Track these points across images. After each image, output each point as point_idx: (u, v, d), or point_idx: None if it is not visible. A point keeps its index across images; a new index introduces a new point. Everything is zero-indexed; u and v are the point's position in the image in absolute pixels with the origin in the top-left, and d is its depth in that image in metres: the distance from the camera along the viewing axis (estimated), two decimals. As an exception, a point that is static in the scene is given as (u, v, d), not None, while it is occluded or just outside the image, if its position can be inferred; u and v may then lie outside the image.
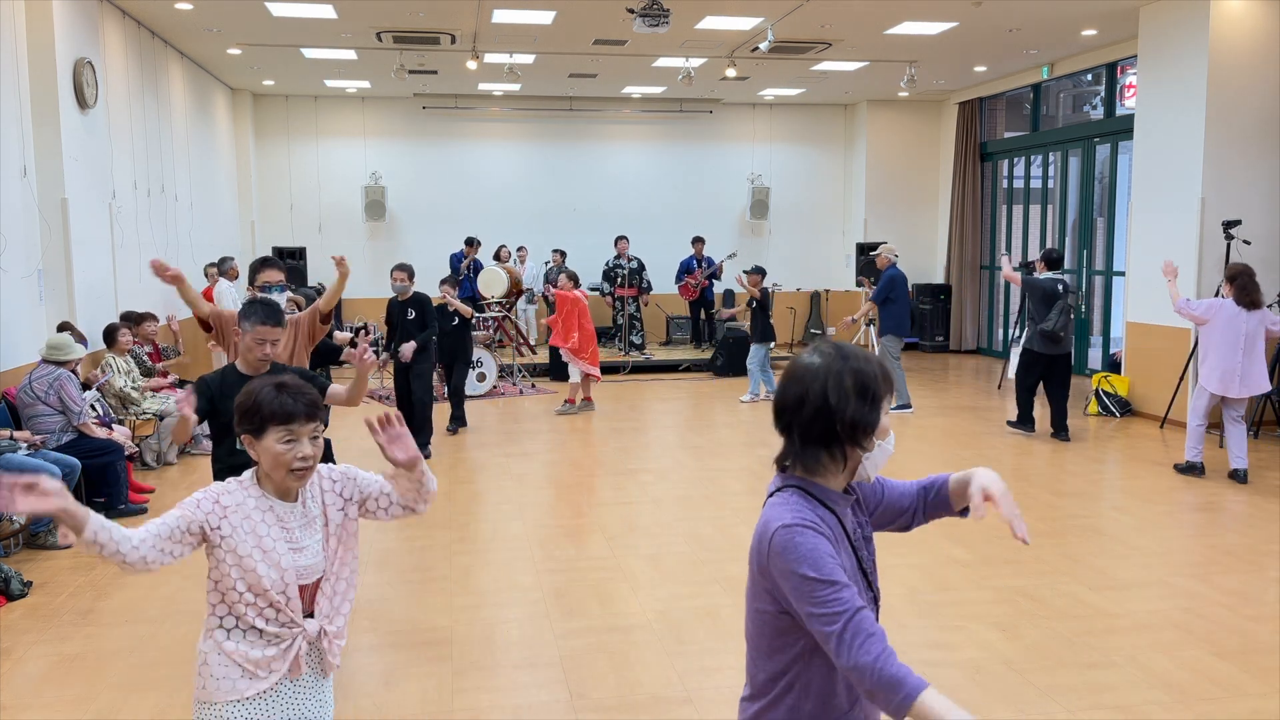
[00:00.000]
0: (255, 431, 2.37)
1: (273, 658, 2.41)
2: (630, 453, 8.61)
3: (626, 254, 13.88)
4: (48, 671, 4.32)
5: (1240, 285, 7.19)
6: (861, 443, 1.88)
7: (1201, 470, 7.64)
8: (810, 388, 1.86)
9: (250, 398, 2.39)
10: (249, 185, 14.93)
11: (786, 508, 1.86)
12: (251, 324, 3.68)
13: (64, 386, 6.56)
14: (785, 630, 1.87)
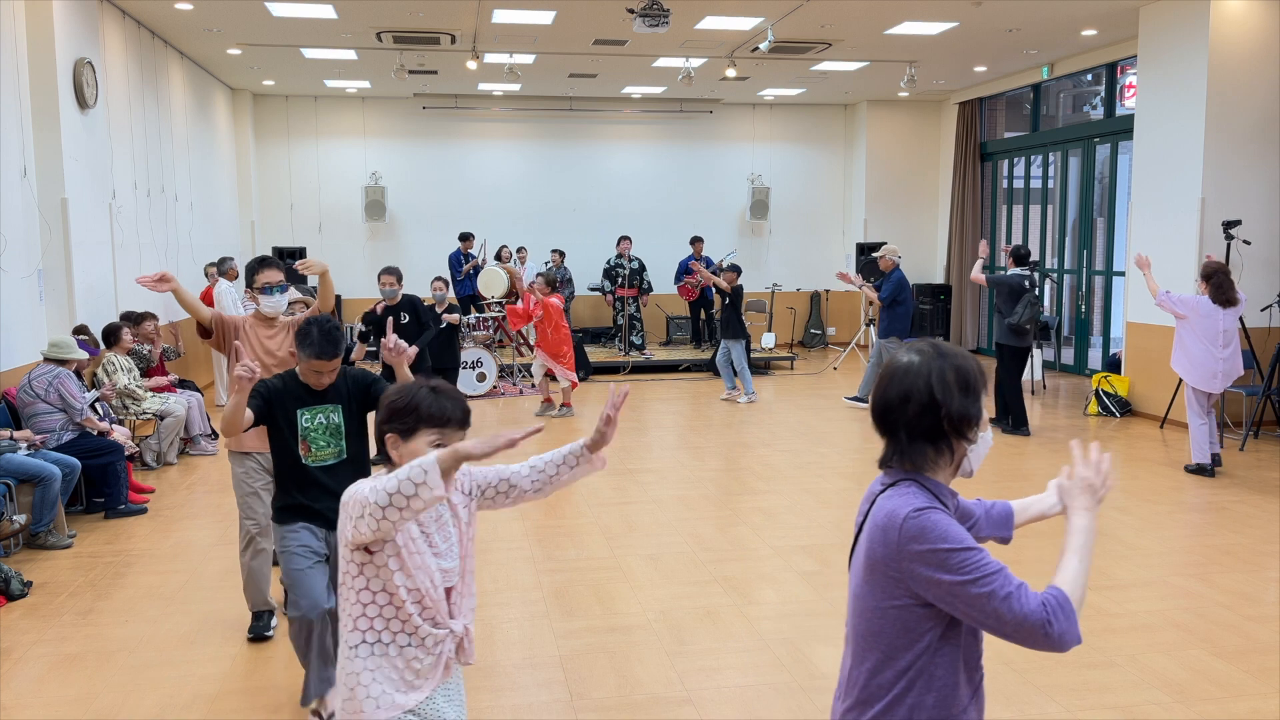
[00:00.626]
0: (406, 432, 2.32)
1: (429, 666, 2.38)
2: (630, 453, 8.61)
3: (628, 254, 13.88)
4: (48, 671, 4.32)
5: (1216, 284, 7.35)
6: (967, 435, 1.92)
7: (1211, 471, 7.64)
8: (914, 385, 1.90)
9: (407, 398, 2.33)
10: (249, 185, 14.93)
11: (909, 497, 1.87)
12: (306, 355, 3.49)
13: (63, 384, 6.57)
14: (914, 623, 1.86)
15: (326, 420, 3.62)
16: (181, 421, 8.23)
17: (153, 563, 5.78)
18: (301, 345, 3.48)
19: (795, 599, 5.11)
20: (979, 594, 1.75)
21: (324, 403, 3.62)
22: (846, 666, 1.99)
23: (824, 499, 7.07)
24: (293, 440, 3.60)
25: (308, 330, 3.49)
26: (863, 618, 1.93)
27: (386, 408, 2.35)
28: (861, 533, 1.97)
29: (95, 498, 6.80)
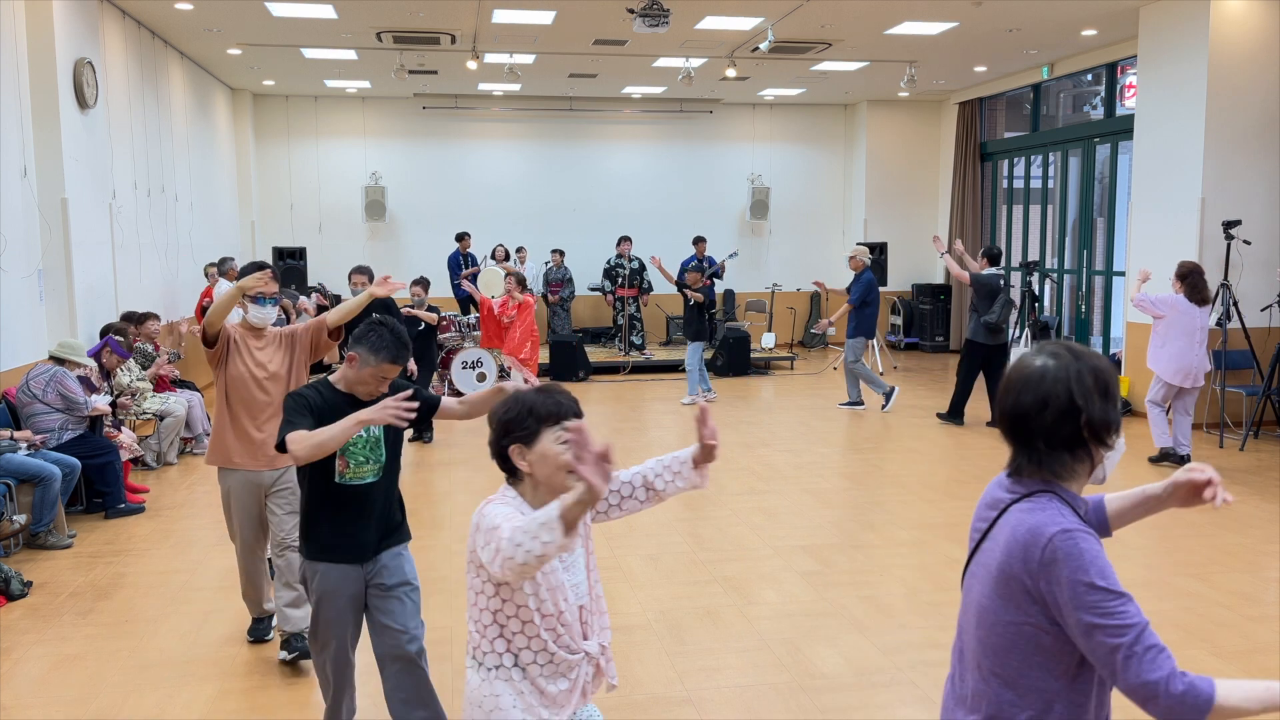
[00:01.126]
0: (528, 438, 2.24)
1: (564, 692, 2.28)
2: (630, 453, 8.61)
3: (628, 254, 13.88)
4: (48, 671, 4.32)
5: (1191, 283, 7.58)
6: (1106, 441, 1.84)
7: (1176, 456, 7.82)
8: (1052, 390, 1.83)
9: (518, 406, 2.26)
10: (249, 185, 14.93)
11: (1053, 513, 1.78)
12: (379, 360, 3.13)
13: (62, 382, 6.57)
14: (1046, 648, 1.76)
15: (367, 434, 3.24)
16: (181, 421, 8.23)
17: (153, 562, 5.78)
18: (372, 349, 3.12)
19: (795, 599, 5.11)
20: (1106, 643, 1.66)
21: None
22: (969, 680, 1.88)
23: (824, 499, 7.07)
24: (329, 456, 3.19)
25: (378, 333, 3.13)
26: (992, 631, 1.83)
27: (500, 423, 2.27)
28: (985, 541, 1.88)
29: (94, 497, 6.81)
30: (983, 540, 1.90)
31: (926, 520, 6.52)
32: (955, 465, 8.08)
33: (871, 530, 6.31)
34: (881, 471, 7.87)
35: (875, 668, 4.30)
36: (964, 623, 1.92)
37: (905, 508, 6.83)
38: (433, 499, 7.10)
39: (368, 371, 3.14)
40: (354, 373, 3.16)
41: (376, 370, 3.14)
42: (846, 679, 4.19)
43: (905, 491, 7.27)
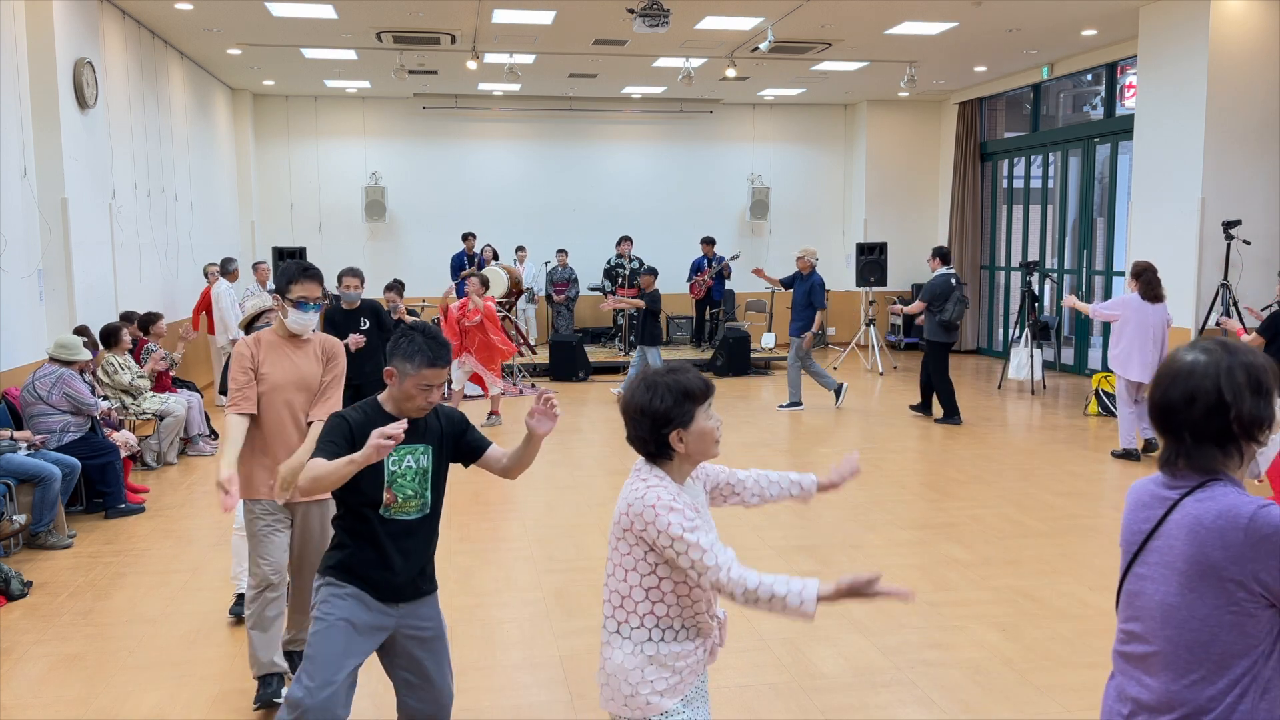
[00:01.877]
0: (686, 420, 2.35)
1: (700, 660, 2.44)
2: (630, 453, 8.60)
3: (628, 254, 13.87)
4: (48, 671, 4.32)
5: (1145, 281, 7.93)
6: (1257, 438, 1.83)
7: (1138, 455, 8.15)
8: (1201, 385, 1.81)
9: (670, 393, 2.34)
10: (249, 185, 14.94)
11: (1237, 495, 1.78)
12: (417, 365, 2.83)
13: (68, 384, 6.57)
14: (1252, 628, 1.75)
15: (416, 463, 2.93)
16: (181, 421, 8.23)
17: (153, 562, 5.78)
18: (406, 356, 2.84)
19: (795, 599, 5.10)
20: None
21: (415, 441, 2.93)
22: (1154, 684, 1.85)
23: (824, 499, 7.07)
24: (372, 485, 2.88)
25: (408, 339, 2.86)
26: (1185, 629, 1.80)
27: (657, 414, 2.34)
28: (1153, 540, 1.87)
29: (95, 497, 6.80)
30: (1148, 540, 1.87)
31: (926, 520, 6.52)
32: (955, 465, 8.08)
33: (871, 530, 6.31)
34: (881, 471, 7.87)
35: (875, 668, 4.30)
36: (1143, 628, 1.88)
37: (905, 508, 6.83)
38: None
39: (410, 383, 2.85)
40: (397, 389, 2.89)
41: (418, 379, 2.84)
42: (846, 679, 4.19)
43: (905, 491, 7.27)
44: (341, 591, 2.91)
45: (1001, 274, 15.15)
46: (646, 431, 2.36)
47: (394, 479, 2.90)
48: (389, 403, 2.94)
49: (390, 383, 2.89)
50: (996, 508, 6.81)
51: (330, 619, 2.88)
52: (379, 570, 2.91)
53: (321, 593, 2.94)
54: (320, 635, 2.88)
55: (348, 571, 2.92)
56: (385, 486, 2.89)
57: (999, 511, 6.72)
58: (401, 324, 3.00)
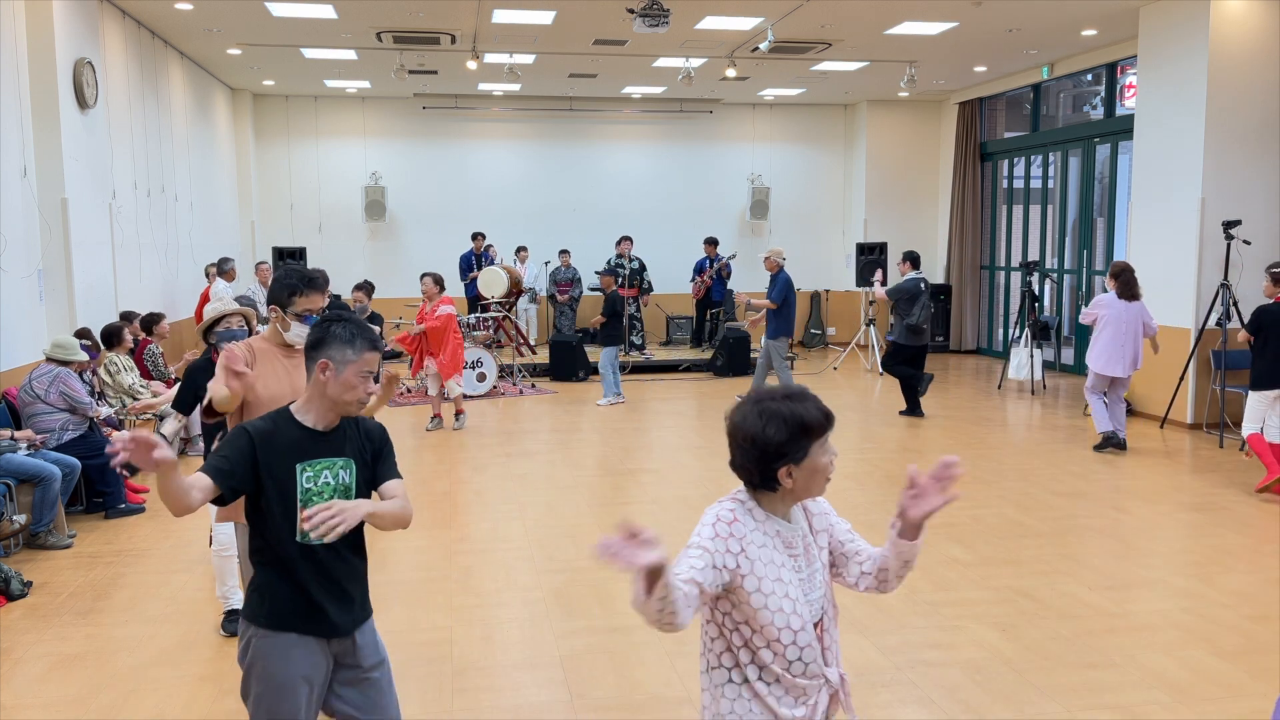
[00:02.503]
0: (799, 456, 2.08)
1: (802, 717, 2.16)
2: (630, 453, 8.61)
3: (628, 254, 13.88)
4: (48, 671, 4.32)
5: (1123, 281, 8.27)
6: None
7: (1120, 441, 8.39)
8: None
9: (787, 425, 2.07)
10: (249, 185, 14.94)
11: None
12: (357, 350, 2.59)
13: (65, 383, 6.57)
14: None
15: (335, 480, 2.62)
16: (181, 421, 8.23)
17: (153, 562, 5.78)
18: (346, 340, 2.59)
19: (795, 599, 5.11)
20: None
21: (333, 454, 2.63)
22: None
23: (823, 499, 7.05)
24: (284, 508, 2.57)
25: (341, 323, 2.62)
26: None
27: (771, 445, 2.08)
28: None
29: (95, 497, 6.80)
30: None
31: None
32: (955, 465, 8.06)
33: (871, 530, 6.30)
34: (881, 471, 7.87)
35: (875, 668, 4.30)
36: None
37: (905, 508, 6.82)
38: (434, 494, 7.10)
39: (351, 371, 2.58)
40: (335, 384, 2.58)
41: (360, 366, 2.59)
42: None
43: (905, 491, 7.25)
44: (276, 642, 2.59)
45: (1001, 274, 15.15)
46: (753, 461, 2.11)
47: (309, 498, 2.57)
48: (308, 408, 2.62)
49: (324, 377, 2.58)
50: (996, 508, 6.81)
51: (277, 679, 2.57)
52: (306, 609, 2.60)
53: (254, 647, 2.59)
54: (272, 701, 2.58)
55: (274, 616, 2.60)
56: (300, 507, 2.56)
57: (999, 511, 6.72)
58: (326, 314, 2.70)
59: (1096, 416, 8.46)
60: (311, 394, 2.63)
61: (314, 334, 2.62)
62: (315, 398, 2.62)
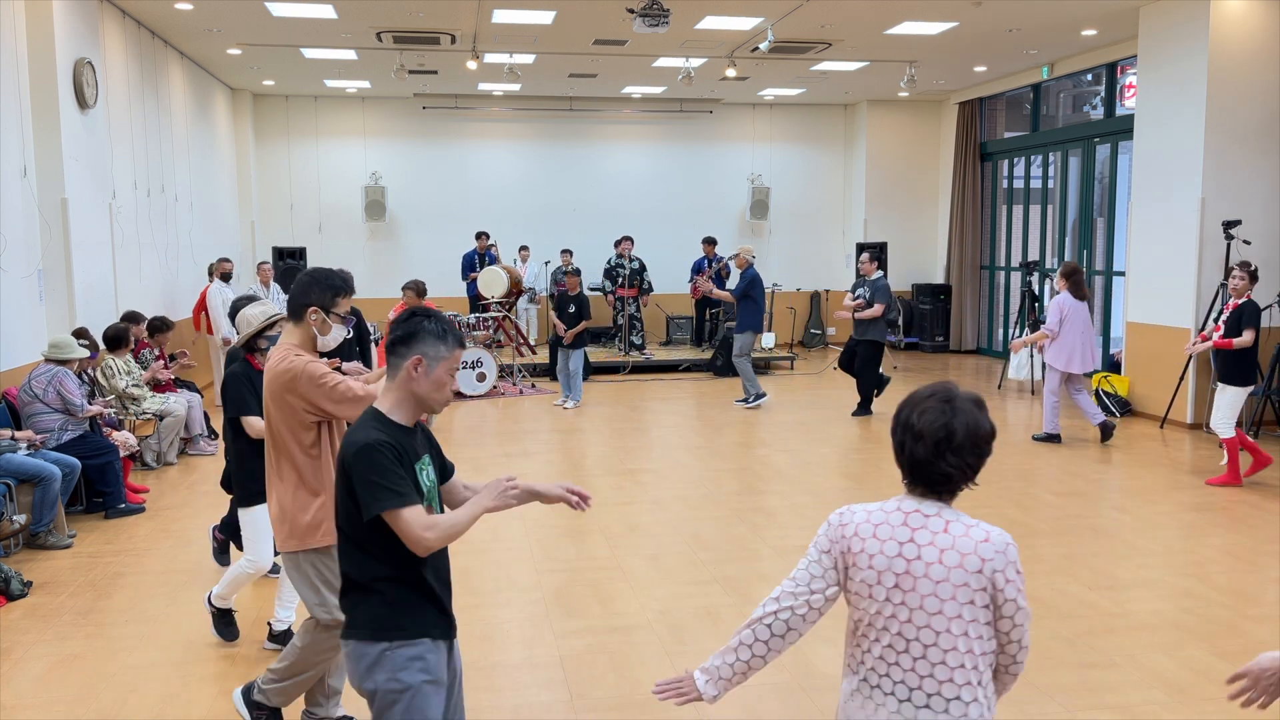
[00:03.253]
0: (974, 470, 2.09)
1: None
2: (630, 453, 8.61)
3: (628, 254, 13.88)
4: (48, 671, 4.32)
5: (1075, 281, 8.66)
6: None
7: (1060, 439, 8.86)
8: None
9: (983, 428, 2.06)
10: (249, 185, 14.94)
11: None
12: (450, 346, 2.52)
13: (61, 382, 6.58)
14: None
15: (429, 478, 2.58)
16: (181, 421, 8.23)
17: (153, 562, 5.78)
18: (439, 336, 2.51)
19: (795, 599, 5.10)
20: None
21: (423, 453, 2.58)
22: None
23: (824, 499, 7.07)
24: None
25: (431, 317, 2.54)
26: None
27: (990, 445, 2.08)
28: None
29: (94, 497, 6.80)
30: None
31: (926, 520, 6.51)
32: (955, 465, 8.07)
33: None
34: (881, 471, 7.87)
35: (875, 668, 4.29)
36: None
37: (905, 508, 6.82)
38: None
39: (442, 369, 2.51)
40: (426, 382, 2.50)
41: (450, 363, 2.53)
42: (846, 679, 4.19)
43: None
44: (415, 651, 2.46)
45: (1001, 274, 15.15)
46: (978, 462, 2.08)
47: (430, 496, 2.55)
48: (398, 407, 2.51)
49: (415, 374, 2.48)
50: (996, 508, 6.81)
51: (416, 685, 2.45)
52: (434, 606, 2.53)
53: (388, 659, 2.44)
54: (414, 709, 2.45)
55: (409, 621, 2.47)
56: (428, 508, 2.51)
57: (999, 511, 6.72)
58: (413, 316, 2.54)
59: (1049, 415, 8.82)
60: (401, 393, 2.51)
61: (403, 329, 2.51)
62: (405, 397, 2.52)
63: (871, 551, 2.09)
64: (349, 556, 2.48)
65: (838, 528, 2.16)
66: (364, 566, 2.45)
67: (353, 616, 2.49)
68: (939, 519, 2.07)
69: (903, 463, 2.11)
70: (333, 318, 3.41)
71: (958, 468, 2.04)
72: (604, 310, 15.16)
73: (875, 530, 2.11)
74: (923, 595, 2.03)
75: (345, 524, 2.46)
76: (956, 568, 2.01)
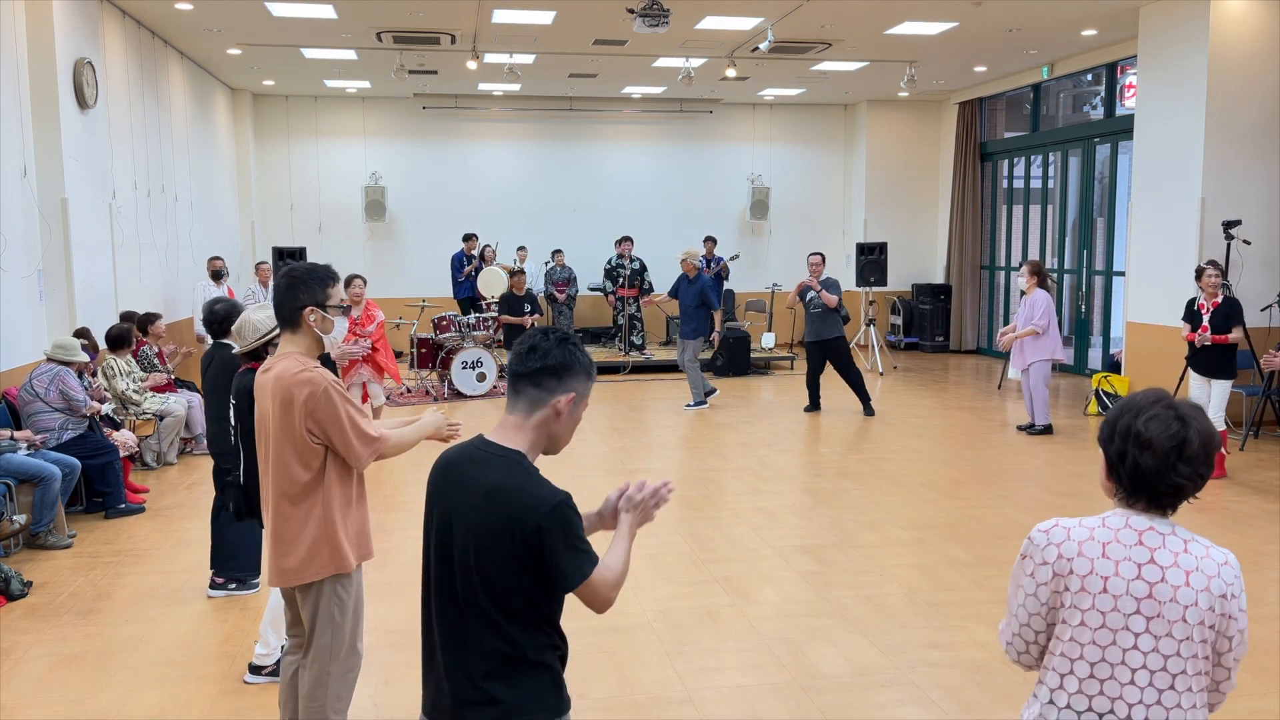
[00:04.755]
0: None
1: None
2: (630, 453, 8.61)
3: (629, 254, 13.88)
4: (48, 671, 4.32)
5: (1043, 276, 9.19)
6: None
7: (1052, 429, 9.24)
8: None
9: (1216, 438, 1.96)
10: (249, 185, 14.94)
11: None
12: (591, 379, 2.21)
13: (64, 381, 6.58)
14: None
15: None
16: (181, 421, 8.23)
17: (153, 562, 5.77)
18: (587, 370, 2.18)
19: (795, 599, 5.11)
20: None
21: None
22: None
23: (824, 499, 7.07)
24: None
25: (572, 345, 2.17)
26: None
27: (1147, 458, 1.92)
28: None
29: (95, 497, 6.80)
30: None
31: (926, 520, 6.52)
32: (955, 465, 8.08)
33: (871, 530, 6.31)
34: (881, 471, 7.87)
35: (875, 668, 4.30)
36: None
37: (905, 508, 6.83)
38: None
39: (583, 408, 2.21)
40: (569, 421, 2.18)
41: (587, 399, 2.23)
42: (846, 679, 4.19)
43: (905, 491, 7.27)
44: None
45: (1001, 274, 15.15)
46: (1209, 473, 1.94)
47: None
48: (534, 450, 2.16)
49: (561, 412, 2.14)
50: (996, 508, 6.81)
51: None
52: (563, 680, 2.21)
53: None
54: None
55: (564, 702, 2.16)
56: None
57: (999, 511, 6.72)
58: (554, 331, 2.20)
59: (1040, 409, 9.18)
60: (538, 433, 2.15)
61: (555, 357, 2.12)
62: (541, 438, 2.16)
63: (1104, 574, 1.94)
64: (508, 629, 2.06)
65: (1049, 548, 2.01)
66: (535, 639, 2.09)
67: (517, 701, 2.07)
68: (1176, 538, 1.95)
69: (1122, 474, 1.97)
70: (332, 311, 3.18)
71: (1189, 478, 1.92)
72: (604, 310, 15.16)
73: (1105, 550, 1.96)
74: (1170, 622, 1.90)
75: (513, 595, 2.06)
76: (1204, 591, 1.90)
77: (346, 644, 3.22)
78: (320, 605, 3.16)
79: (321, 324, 3.15)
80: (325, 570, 3.13)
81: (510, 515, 2.02)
